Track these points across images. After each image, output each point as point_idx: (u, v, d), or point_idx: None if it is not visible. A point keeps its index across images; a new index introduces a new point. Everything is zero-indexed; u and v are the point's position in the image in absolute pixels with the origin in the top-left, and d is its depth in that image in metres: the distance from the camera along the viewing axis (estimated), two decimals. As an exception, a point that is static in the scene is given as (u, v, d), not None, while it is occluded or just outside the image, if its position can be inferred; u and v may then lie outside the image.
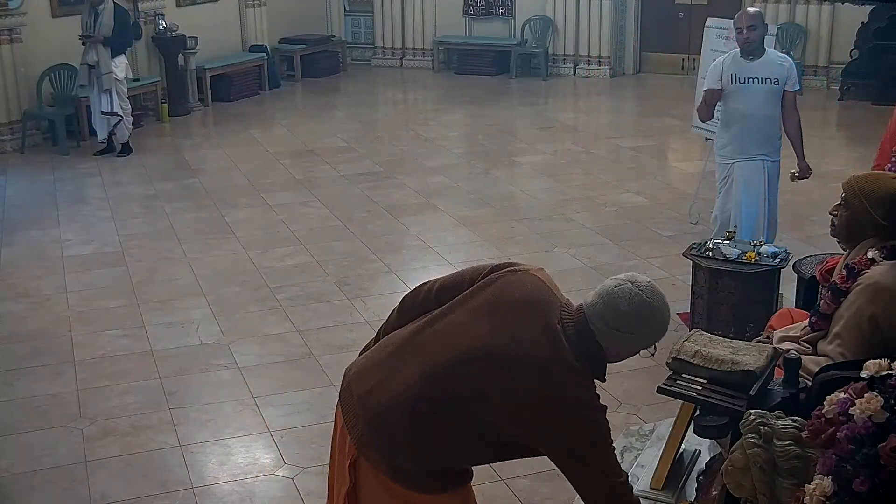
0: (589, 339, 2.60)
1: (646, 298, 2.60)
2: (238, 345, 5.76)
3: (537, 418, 2.54)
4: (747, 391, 3.05)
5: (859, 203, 3.46)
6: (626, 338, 2.62)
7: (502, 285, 2.72)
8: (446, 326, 2.69)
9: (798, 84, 5.98)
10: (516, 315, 2.64)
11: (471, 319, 2.67)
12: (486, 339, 2.60)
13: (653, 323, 2.62)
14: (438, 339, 2.68)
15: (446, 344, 2.65)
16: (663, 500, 3.39)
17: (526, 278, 2.76)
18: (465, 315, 2.69)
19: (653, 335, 2.64)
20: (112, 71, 9.96)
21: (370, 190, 8.89)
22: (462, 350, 2.61)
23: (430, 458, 2.64)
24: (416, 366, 2.65)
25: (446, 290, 2.85)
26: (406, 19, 15.47)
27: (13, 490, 4.36)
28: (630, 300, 2.58)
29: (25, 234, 7.87)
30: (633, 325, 2.60)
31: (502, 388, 2.55)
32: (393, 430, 2.62)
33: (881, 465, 2.31)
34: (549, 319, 2.62)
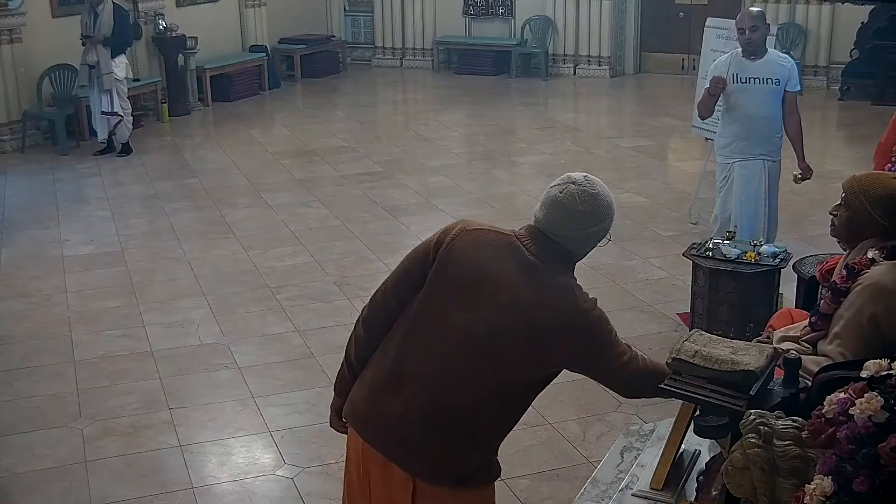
0: (556, 250, 2.71)
1: (591, 191, 2.70)
2: (238, 345, 5.76)
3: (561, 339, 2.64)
4: (747, 391, 3.05)
5: (859, 203, 3.46)
6: (587, 234, 2.73)
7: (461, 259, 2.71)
8: (444, 322, 2.68)
9: (799, 85, 5.98)
10: (496, 280, 2.67)
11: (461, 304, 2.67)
12: (491, 316, 2.63)
13: (607, 210, 2.73)
14: (445, 339, 2.67)
15: (456, 339, 2.65)
16: (663, 500, 3.39)
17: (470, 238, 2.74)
18: (453, 301, 2.69)
19: (609, 221, 2.76)
20: (112, 71, 9.96)
21: (370, 190, 8.89)
22: (475, 337, 2.64)
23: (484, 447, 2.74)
24: (440, 371, 2.66)
25: (401, 288, 2.79)
26: (406, 19, 15.47)
27: (13, 490, 4.36)
28: (582, 199, 2.67)
29: (25, 234, 7.87)
30: (592, 221, 2.70)
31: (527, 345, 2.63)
32: (444, 436, 2.65)
33: (881, 465, 2.31)
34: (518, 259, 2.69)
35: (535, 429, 4.73)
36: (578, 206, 2.67)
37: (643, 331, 5.82)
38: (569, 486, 4.21)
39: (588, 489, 3.69)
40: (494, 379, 2.66)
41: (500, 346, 2.63)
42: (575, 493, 3.87)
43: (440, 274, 2.71)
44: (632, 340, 5.75)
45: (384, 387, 2.72)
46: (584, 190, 2.68)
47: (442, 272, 2.71)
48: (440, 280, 2.71)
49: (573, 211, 2.67)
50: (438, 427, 2.65)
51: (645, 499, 3.39)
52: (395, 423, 2.68)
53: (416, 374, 2.68)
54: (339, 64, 15.52)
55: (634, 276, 6.70)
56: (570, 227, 2.69)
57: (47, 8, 10.94)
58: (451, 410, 2.65)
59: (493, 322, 2.63)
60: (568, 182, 2.71)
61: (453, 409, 2.65)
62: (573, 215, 2.67)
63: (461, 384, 2.65)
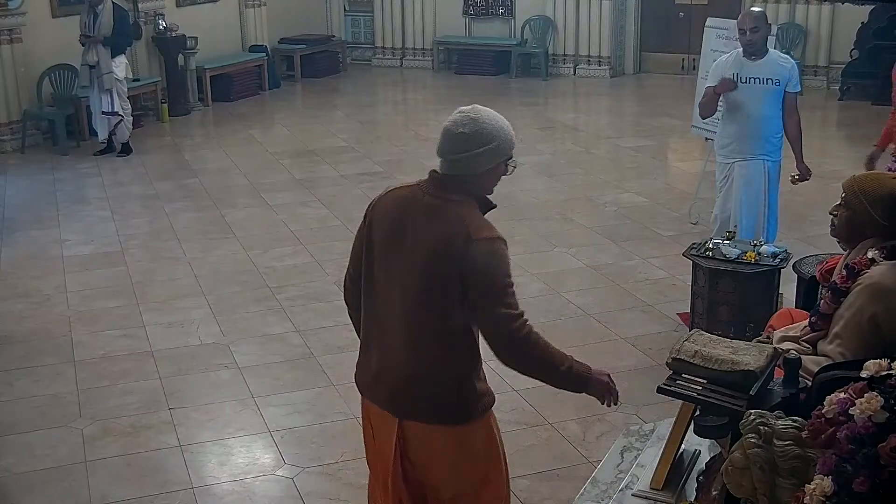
0: (452, 185, 2.89)
1: (472, 115, 2.89)
2: (238, 345, 5.76)
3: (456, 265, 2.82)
4: (747, 391, 3.05)
5: (859, 203, 3.46)
6: (473, 156, 2.86)
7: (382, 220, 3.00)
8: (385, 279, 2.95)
9: (799, 85, 5.98)
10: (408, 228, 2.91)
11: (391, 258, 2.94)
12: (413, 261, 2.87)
13: (490, 133, 2.87)
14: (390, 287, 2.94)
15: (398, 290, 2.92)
16: (663, 500, 3.39)
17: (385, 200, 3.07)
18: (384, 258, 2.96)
19: (496, 144, 2.88)
20: (112, 71, 9.96)
21: (370, 190, 8.88)
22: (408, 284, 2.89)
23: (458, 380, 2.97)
24: (398, 318, 2.92)
25: (355, 264, 3.09)
26: (406, 19, 15.47)
27: (13, 490, 4.36)
28: (462, 123, 2.88)
29: (25, 234, 7.87)
30: (474, 143, 2.86)
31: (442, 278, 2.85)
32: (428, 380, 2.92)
33: (881, 465, 2.31)
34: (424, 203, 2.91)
35: (535, 429, 4.74)
36: (458, 129, 2.87)
37: (643, 331, 5.82)
38: (569, 486, 4.21)
39: (588, 489, 3.69)
40: (441, 318, 2.88)
41: (430, 286, 2.86)
42: (575, 493, 3.87)
43: (370, 239, 3.00)
44: (632, 340, 5.79)
45: (364, 350, 3.07)
46: (464, 115, 2.90)
47: (371, 237, 3.00)
48: (372, 244, 2.99)
49: (454, 134, 2.87)
50: (413, 372, 2.92)
51: (645, 499, 3.40)
52: (379, 376, 3.00)
53: (382, 332, 2.98)
54: (339, 64, 15.52)
55: (634, 276, 6.71)
56: (454, 150, 2.87)
57: (47, 8, 10.94)
58: (418, 355, 2.91)
59: (416, 266, 2.87)
60: (455, 112, 2.93)
61: (419, 353, 2.91)
62: (456, 138, 2.87)
63: (418, 329, 2.90)
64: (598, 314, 6.05)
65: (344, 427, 4.75)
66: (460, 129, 2.88)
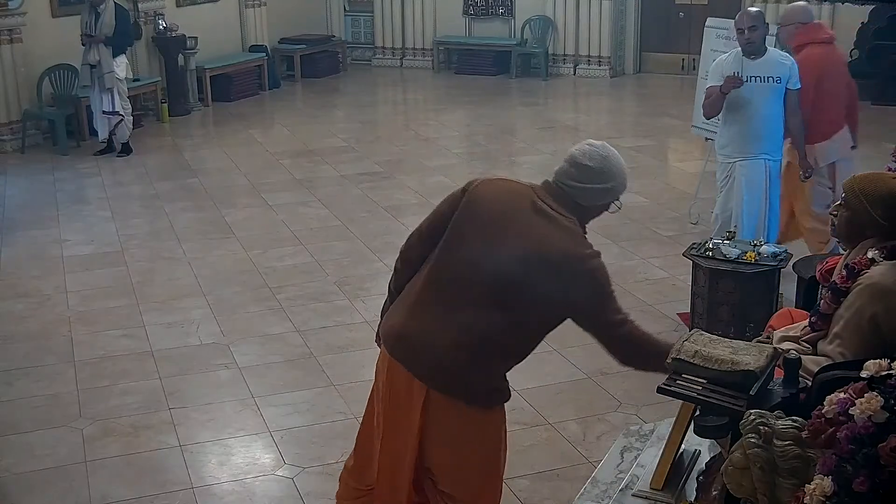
0: (566, 202, 3.08)
1: (602, 153, 3.09)
2: (238, 345, 5.76)
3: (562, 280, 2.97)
4: (747, 391, 3.05)
5: (859, 203, 3.46)
6: (594, 189, 3.08)
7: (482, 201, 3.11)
8: (466, 256, 3.07)
9: (800, 82, 5.99)
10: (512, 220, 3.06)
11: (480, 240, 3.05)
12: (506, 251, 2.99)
13: (614, 172, 3.10)
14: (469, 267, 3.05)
15: (478, 269, 3.03)
16: (663, 500, 3.39)
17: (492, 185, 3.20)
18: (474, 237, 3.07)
19: (616, 184, 3.11)
20: (113, 70, 9.96)
21: (370, 190, 8.89)
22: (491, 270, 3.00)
23: (495, 370, 3.11)
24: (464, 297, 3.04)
25: (434, 227, 3.21)
26: (406, 19, 15.47)
27: (13, 490, 4.36)
28: (592, 157, 3.08)
29: (25, 234, 7.87)
30: (598, 177, 3.07)
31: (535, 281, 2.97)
32: (464, 359, 3.03)
33: (881, 465, 2.31)
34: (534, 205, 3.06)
35: (535, 429, 4.74)
36: (587, 162, 3.06)
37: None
38: (569, 486, 4.21)
39: (588, 489, 3.69)
40: (508, 311, 3.00)
41: (513, 280, 2.98)
42: (575, 493, 3.87)
43: (464, 214, 3.10)
44: (632, 340, 5.74)
45: (412, 312, 3.13)
46: (595, 150, 3.09)
47: (465, 212, 3.11)
48: (464, 219, 3.10)
49: (583, 165, 3.07)
50: (458, 349, 3.02)
51: (645, 499, 3.39)
52: (421, 343, 3.07)
53: (441, 302, 3.08)
54: (339, 64, 15.52)
55: (634, 276, 6.70)
56: (578, 178, 3.06)
57: (47, 8, 10.94)
58: (469, 338, 3.02)
59: (508, 257, 2.98)
60: (586, 143, 3.13)
61: (471, 337, 3.02)
62: (582, 169, 3.06)
63: (479, 313, 3.01)
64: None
65: (344, 427, 4.75)
66: (588, 161, 3.08)
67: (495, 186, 3.18)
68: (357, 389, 5.13)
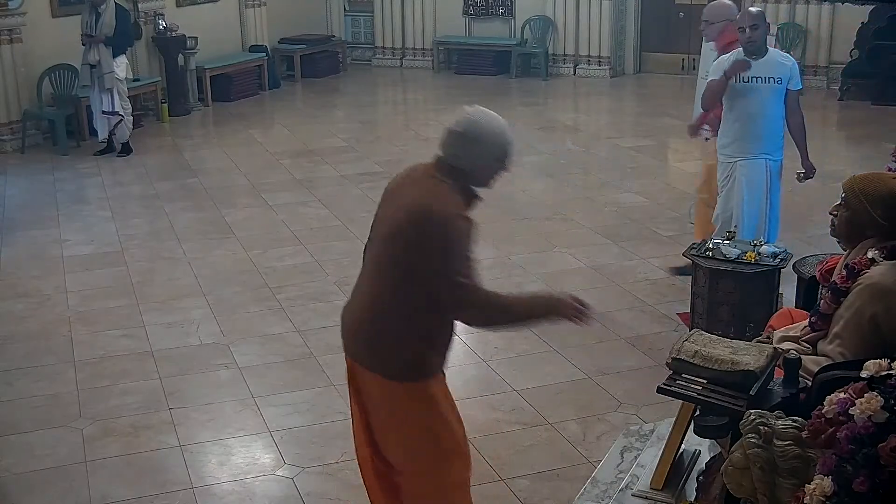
0: (446, 167, 3.22)
1: (472, 118, 3.25)
2: (238, 345, 5.76)
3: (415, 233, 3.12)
4: (747, 391, 3.06)
5: (859, 203, 3.47)
6: (467, 152, 3.20)
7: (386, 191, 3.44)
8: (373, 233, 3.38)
9: (800, 83, 5.99)
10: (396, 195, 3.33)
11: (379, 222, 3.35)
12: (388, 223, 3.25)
13: (484, 135, 3.22)
14: (371, 243, 3.38)
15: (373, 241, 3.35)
16: (663, 500, 3.40)
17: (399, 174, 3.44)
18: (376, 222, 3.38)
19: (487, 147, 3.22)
20: (113, 70, 9.96)
21: (370, 190, 8.88)
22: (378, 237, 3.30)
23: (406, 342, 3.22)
24: (366, 273, 3.36)
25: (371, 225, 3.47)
26: (406, 19, 15.47)
27: (13, 490, 4.36)
28: (459, 122, 3.24)
29: (25, 234, 7.87)
30: (467, 141, 3.21)
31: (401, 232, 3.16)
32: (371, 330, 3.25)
33: (881, 465, 2.31)
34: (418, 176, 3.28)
35: (535, 429, 4.74)
36: (456, 128, 3.23)
37: (643, 331, 5.82)
38: (569, 486, 4.21)
39: (588, 489, 3.69)
40: (391, 274, 3.19)
41: (388, 240, 3.22)
42: (575, 493, 3.87)
43: (380, 202, 3.41)
44: (632, 340, 5.79)
45: (348, 303, 3.44)
46: (465, 116, 3.25)
47: (381, 201, 3.41)
48: (378, 206, 3.40)
49: (452, 132, 3.24)
50: (364, 320, 3.28)
51: (645, 499, 3.40)
52: (346, 321, 3.41)
53: (360, 286, 3.37)
54: (339, 64, 15.51)
55: (634, 276, 6.70)
56: (450, 144, 3.23)
57: (47, 8, 10.93)
58: (374, 305, 3.25)
59: (386, 228, 3.24)
60: (462, 112, 3.29)
61: (376, 305, 3.24)
62: (452, 135, 3.23)
63: (373, 282, 3.27)
64: (598, 314, 6.04)
65: (344, 427, 4.73)
66: (456, 127, 3.24)
67: (403, 171, 3.43)
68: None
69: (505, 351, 5.57)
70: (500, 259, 7.05)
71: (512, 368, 5.35)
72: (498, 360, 5.45)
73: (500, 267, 6.90)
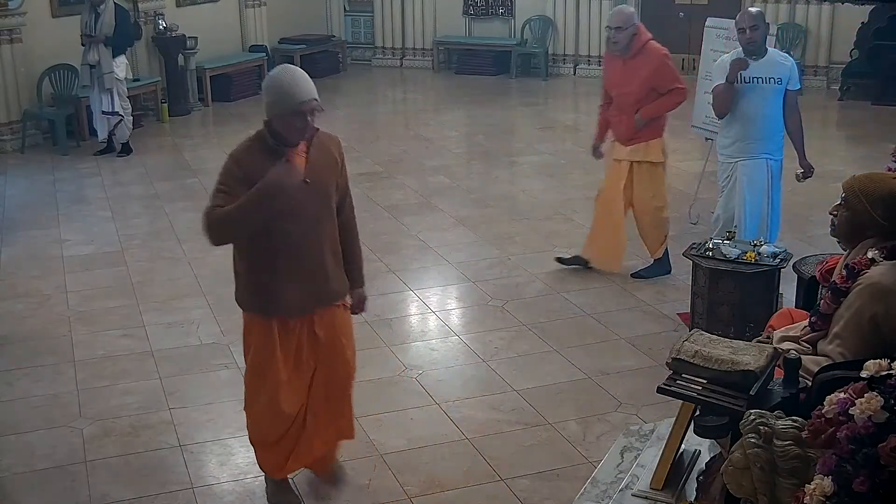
0: (265, 123, 3.78)
1: (272, 74, 3.79)
2: (238, 345, 5.71)
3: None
4: (747, 391, 3.06)
5: (859, 203, 3.47)
6: (266, 104, 3.76)
7: None
8: None
9: (799, 83, 6.00)
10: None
11: None
12: None
13: (273, 86, 3.73)
14: None
15: None
16: (663, 500, 3.39)
17: None
18: None
19: (275, 95, 3.72)
20: (113, 70, 9.96)
21: (370, 190, 8.88)
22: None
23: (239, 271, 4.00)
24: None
25: None
26: (406, 19, 15.46)
27: (13, 490, 4.36)
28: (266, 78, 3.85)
29: (25, 234, 7.87)
30: (264, 93, 3.82)
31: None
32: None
33: (881, 465, 2.31)
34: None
35: (535, 429, 4.74)
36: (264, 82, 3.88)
37: (643, 331, 5.82)
38: (569, 486, 4.21)
39: (588, 489, 3.69)
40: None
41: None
42: (575, 493, 3.87)
43: None
44: (632, 340, 5.79)
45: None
46: (269, 74, 3.83)
47: None
48: None
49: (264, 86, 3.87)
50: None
51: (645, 499, 3.40)
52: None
53: None
54: (339, 64, 15.51)
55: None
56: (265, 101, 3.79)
57: (47, 8, 10.93)
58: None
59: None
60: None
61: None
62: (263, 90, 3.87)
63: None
64: (598, 314, 6.05)
65: (344, 427, 4.75)
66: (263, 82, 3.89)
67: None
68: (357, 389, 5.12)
69: (505, 351, 5.57)
70: (501, 259, 7.05)
71: (512, 368, 5.35)
72: (498, 360, 5.45)
73: (500, 267, 6.90)
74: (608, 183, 6.57)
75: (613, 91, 6.40)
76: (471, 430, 4.73)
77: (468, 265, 6.96)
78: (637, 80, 6.20)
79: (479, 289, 6.51)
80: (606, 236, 6.56)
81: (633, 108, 6.26)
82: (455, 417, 4.85)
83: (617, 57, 6.30)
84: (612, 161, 6.53)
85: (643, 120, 6.25)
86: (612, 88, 6.41)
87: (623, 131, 6.39)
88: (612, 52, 6.19)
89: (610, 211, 6.50)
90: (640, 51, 6.23)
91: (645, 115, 6.25)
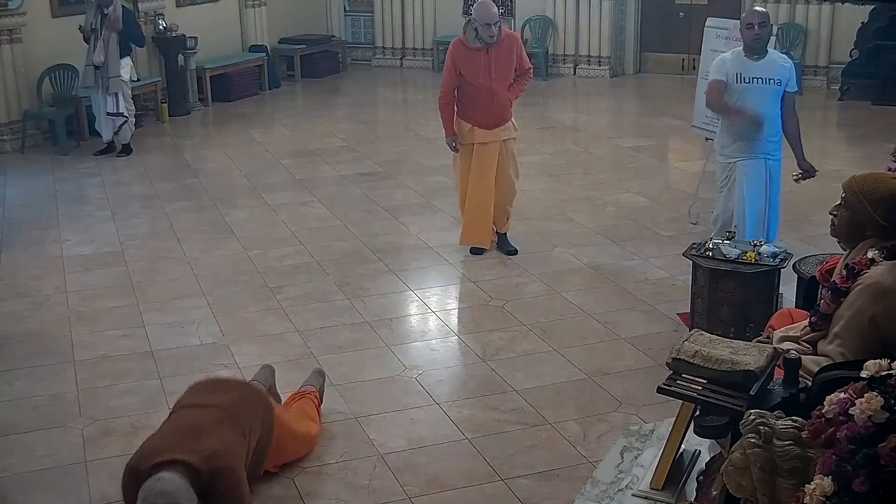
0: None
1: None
2: (238, 345, 5.76)
3: None
4: (747, 391, 3.06)
5: (859, 203, 3.47)
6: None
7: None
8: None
9: (797, 85, 6.01)
10: None
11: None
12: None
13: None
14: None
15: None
16: (663, 500, 3.40)
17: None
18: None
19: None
20: (119, 74, 9.95)
21: (370, 190, 8.88)
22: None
23: None
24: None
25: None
26: (406, 19, 15.47)
27: (13, 490, 4.36)
28: None
29: (25, 234, 7.86)
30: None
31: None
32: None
33: (881, 465, 2.31)
34: None
35: (535, 429, 4.74)
36: None
37: (643, 331, 5.82)
38: (569, 486, 4.21)
39: (588, 489, 3.70)
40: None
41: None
42: (575, 493, 3.87)
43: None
44: (632, 340, 5.79)
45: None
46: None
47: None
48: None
49: None
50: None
51: (645, 499, 3.40)
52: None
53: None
54: (339, 64, 15.52)
55: (634, 276, 6.70)
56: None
57: (47, 8, 10.93)
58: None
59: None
60: None
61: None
62: None
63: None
64: (599, 314, 6.05)
65: (344, 427, 4.75)
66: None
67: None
68: (357, 389, 5.13)
69: (505, 351, 5.57)
70: (501, 259, 7.05)
71: (512, 368, 5.35)
72: (498, 360, 5.45)
73: (500, 267, 6.90)
74: (480, 166, 6.97)
75: (479, 80, 6.81)
76: (471, 430, 4.73)
77: (468, 265, 6.96)
78: (509, 64, 6.91)
79: (479, 289, 6.52)
80: (482, 215, 7.02)
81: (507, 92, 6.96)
82: (455, 417, 4.85)
83: (479, 49, 6.74)
84: (474, 146, 6.99)
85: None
86: (477, 78, 6.82)
87: (495, 115, 6.96)
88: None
89: (484, 190, 6.98)
90: (504, 39, 6.83)
91: (514, 97, 7.10)
